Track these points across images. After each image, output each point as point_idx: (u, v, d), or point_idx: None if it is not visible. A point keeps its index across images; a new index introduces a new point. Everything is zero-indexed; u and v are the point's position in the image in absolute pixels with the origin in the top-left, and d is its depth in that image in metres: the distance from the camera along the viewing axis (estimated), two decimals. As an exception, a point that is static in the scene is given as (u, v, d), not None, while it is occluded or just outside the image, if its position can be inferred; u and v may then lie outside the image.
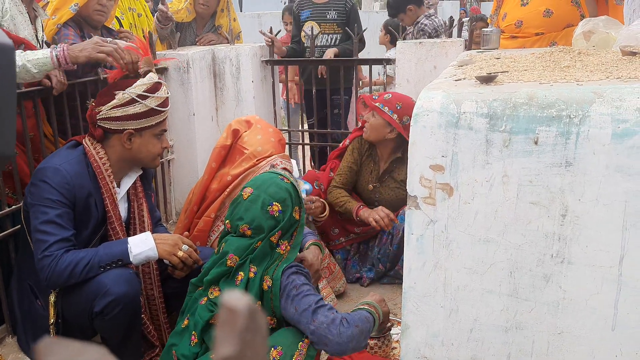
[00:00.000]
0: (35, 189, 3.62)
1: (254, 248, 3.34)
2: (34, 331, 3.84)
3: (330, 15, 7.23)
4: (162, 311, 4.09)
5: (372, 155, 5.41)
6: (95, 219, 3.80)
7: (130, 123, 3.78)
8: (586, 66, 3.04)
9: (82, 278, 3.52)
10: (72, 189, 3.63)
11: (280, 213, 3.38)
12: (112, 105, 3.74)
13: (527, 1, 5.45)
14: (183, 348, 3.44)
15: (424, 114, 2.55)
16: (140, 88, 3.78)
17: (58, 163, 3.69)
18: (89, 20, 5.23)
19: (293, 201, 3.45)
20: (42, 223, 3.55)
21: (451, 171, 2.53)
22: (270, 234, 3.35)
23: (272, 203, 3.37)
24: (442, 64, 5.66)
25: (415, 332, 2.75)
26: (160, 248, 3.69)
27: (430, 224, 2.60)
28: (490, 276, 2.57)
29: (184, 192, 5.71)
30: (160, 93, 3.87)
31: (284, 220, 3.38)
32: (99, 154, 3.81)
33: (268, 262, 3.37)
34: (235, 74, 6.25)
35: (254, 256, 3.33)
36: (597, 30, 3.85)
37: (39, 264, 3.53)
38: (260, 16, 15.85)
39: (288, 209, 3.40)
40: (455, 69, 3.39)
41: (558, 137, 2.40)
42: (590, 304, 2.48)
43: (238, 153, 4.73)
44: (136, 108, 3.77)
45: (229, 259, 3.35)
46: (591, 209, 2.41)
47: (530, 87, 2.56)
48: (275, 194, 3.40)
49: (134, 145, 3.84)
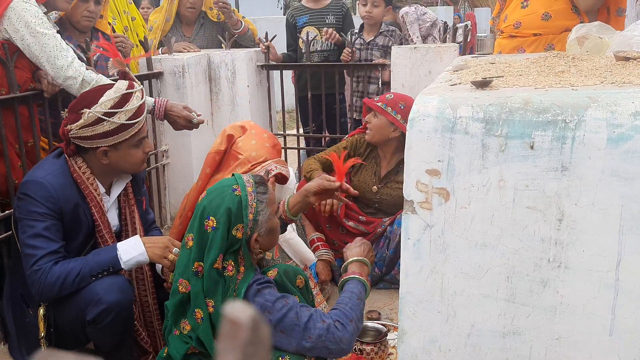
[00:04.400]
0: (22, 203, 3.60)
1: (199, 277, 3.13)
2: (26, 339, 3.82)
3: (328, 20, 7.27)
4: (156, 317, 4.07)
5: (373, 156, 5.42)
6: (86, 228, 3.77)
7: (102, 141, 3.65)
8: (580, 71, 3.04)
9: (74, 288, 3.51)
10: (58, 202, 3.59)
11: (213, 229, 3.12)
12: (80, 125, 3.60)
13: (527, 4, 5.47)
14: None
15: (420, 118, 2.55)
16: (105, 105, 3.61)
17: (41, 176, 3.63)
18: (77, 26, 5.25)
19: (233, 218, 3.13)
20: (29, 237, 3.53)
21: (447, 176, 2.53)
22: (209, 255, 3.11)
23: (208, 217, 3.14)
24: (437, 69, 5.69)
25: (412, 338, 2.74)
26: (150, 252, 3.66)
27: (426, 228, 2.60)
28: (487, 281, 2.57)
29: (179, 197, 5.71)
30: (130, 105, 3.69)
31: (216, 239, 3.10)
32: (78, 163, 3.74)
33: (223, 290, 3.15)
34: (231, 78, 6.26)
35: (206, 289, 3.12)
36: (591, 36, 3.85)
37: (29, 279, 3.52)
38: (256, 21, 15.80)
39: (222, 227, 3.10)
40: (450, 73, 3.40)
41: (554, 142, 2.40)
42: (587, 308, 2.48)
43: (232, 158, 4.72)
44: (105, 126, 3.62)
45: (180, 285, 3.19)
46: (587, 214, 2.41)
47: (526, 92, 2.56)
48: (214, 207, 3.15)
49: (111, 160, 3.73)
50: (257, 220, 3.19)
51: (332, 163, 5.06)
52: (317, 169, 5.27)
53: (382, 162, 5.40)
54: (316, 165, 5.30)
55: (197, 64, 6.04)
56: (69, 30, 5.29)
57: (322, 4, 7.38)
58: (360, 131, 5.49)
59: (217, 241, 3.10)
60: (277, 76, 7.10)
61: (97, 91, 3.73)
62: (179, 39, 6.77)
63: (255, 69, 6.59)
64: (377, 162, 5.43)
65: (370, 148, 5.44)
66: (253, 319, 0.76)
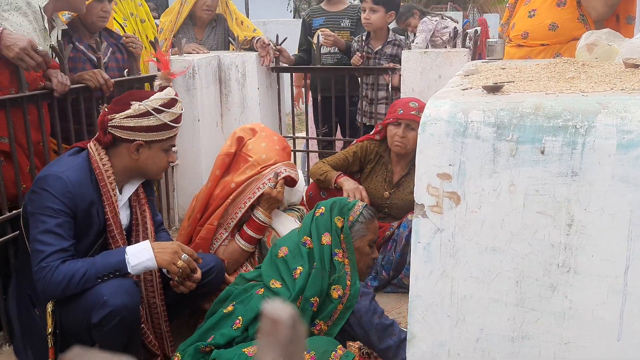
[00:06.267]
0: (36, 197, 3.60)
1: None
2: (31, 340, 3.81)
3: (343, 23, 7.29)
4: (164, 320, 4.07)
5: (382, 162, 5.42)
6: (97, 227, 3.78)
7: (141, 135, 3.78)
8: (590, 77, 3.04)
9: (79, 289, 3.50)
10: (74, 198, 3.61)
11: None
12: (126, 115, 3.74)
13: (534, 13, 5.47)
14: (224, 329, 3.57)
15: (432, 122, 2.56)
16: (157, 102, 3.79)
17: (60, 170, 3.67)
18: (92, 26, 5.25)
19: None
20: (41, 232, 3.53)
21: (458, 180, 2.54)
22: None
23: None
24: (447, 73, 5.70)
25: (421, 342, 2.74)
26: (159, 257, 3.65)
27: (437, 232, 2.61)
28: (497, 285, 2.57)
29: (188, 199, 5.71)
30: (175, 109, 3.88)
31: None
32: (102, 160, 3.79)
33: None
34: (241, 80, 6.26)
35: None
36: (600, 43, 3.86)
37: (36, 275, 3.51)
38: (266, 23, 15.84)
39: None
40: (461, 78, 3.40)
41: (564, 147, 2.40)
42: (596, 313, 2.48)
43: (242, 161, 4.74)
44: (150, 121, 3.77)
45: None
46: (597, 219, 2.42)
47: (537, 97, 2.56)
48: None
49: (141, 157, 3.84)
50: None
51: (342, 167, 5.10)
52: (330, 170, 5.26)
53: (395, 167, 5.39)
54: (327, 167, 5.30)
55: (208, 66, 6.04)
56: (80, 31, 5.29)
57: (339, 7, 7.41)
58: (370, 137, 5.47)
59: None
60: (286, 79, 7.11)
61: (146, 92, 4.04)
62: (190, 40, 6.77)
63: (266, 71, 6.60)
64: (387, 169, 5.42)
65: (380, 154, 5.43)
66: (292, 317, 0.77)
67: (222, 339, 3.54)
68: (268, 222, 4.61)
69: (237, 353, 3.40)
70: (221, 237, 4.65)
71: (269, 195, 4.55)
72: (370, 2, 6.52)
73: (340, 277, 3.65)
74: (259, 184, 4.60)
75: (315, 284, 3.60)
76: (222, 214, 4.64)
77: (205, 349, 3.56)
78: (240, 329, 3.54)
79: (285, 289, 3.65)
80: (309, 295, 3.60)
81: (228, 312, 3.66)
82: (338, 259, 3.69)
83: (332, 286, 3.65)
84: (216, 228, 4.65)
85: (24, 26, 4.29)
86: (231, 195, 4.63)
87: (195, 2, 6.69)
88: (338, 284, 3.63)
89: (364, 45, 6.64)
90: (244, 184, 4.62)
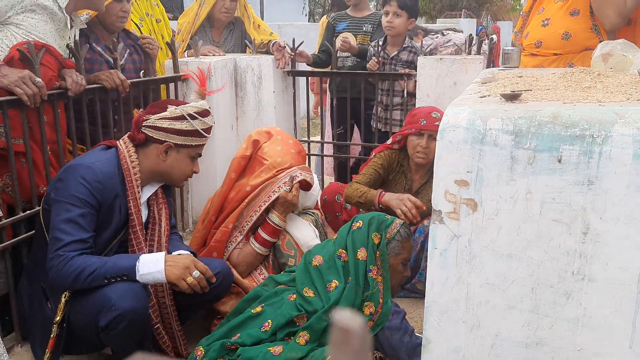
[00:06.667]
0: (63, 185, 3.63)
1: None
2: (42, 335, 3.79)
3: (365, 28, 7.40)
4: (174, 319, 4.07)
5: (402, 171, 5.41)
6: (117, 222, 3.82)
7: (172, 137, 3.90)
8: (606, 87, 3.06)
9: (86, 285, 3.51)
10: (102, 190, 3.67)
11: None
12: (162, 116, 3.87)
13: (547, 22, 5.48)
14: (251, 329, 3.62)
15: (451, 129, 2.58)
16: (192, 109, 3.94)
17: (91, 162, 3.74)
18: (110, 27, 5.26)
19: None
20: (62, 221, 3.56)
21: (476, 187, 2.56)
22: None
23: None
24: (462, 80, 5.70)
25: (436, 347, 2.76)
26: (168, 271, 3.63)
27: (453, 238, 2.63)
28: (512, 292, 2.59)
29: (202, 201, 5.72)
30: (208, 120, 4.02)
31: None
32: (131, 157, 3.87)
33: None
34: (257, 83, 6.28)
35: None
36: (615, 53, 3.87)
37: (50, 262, 3.53)
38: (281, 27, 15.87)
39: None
40: (479, 85, 3.42)
41: (581, 156, 2.42)
42: (609, 321, 2.50)
43: (257, 164, 4.75)
44: (183, 125, 3.90)
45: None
46: (612, 228, 2.44)
47: (554, 106, 2.58)
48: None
49: (168, 159, 3.94)
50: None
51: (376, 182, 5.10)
52: (368, 190, 5.14)
53: (414, 176, 5.38)
54: (364, 188, 5.18)
55: (224, 68, 6.05)
56: (98, 32, 5.31)
57: (363, 14, 7.55)
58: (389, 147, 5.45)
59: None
60: (302, 83, 7.13)
61: (183, 101, 4.26)
62: (207, 42, 6.78)
63: (282, 74, 6.61)
64: (407, 177, 5.41)
65: (400, 163, 5.43)
66: (363, 328, 0.78)
67: (249, 339, 3.58)
68: (283, 225, 4.62)
69: (263, 351, 3.44)
70: (236, 240, 4.66)
71: (284, 198, 4.56)
72: (396, 6, 6.56)
73: (373, 294, 3.67)
74: (275, 188, 4.61)
75: (348, 298, 3.63)
76: (237, 217, 4.65)
77: (231, 347, 3.59)
78: (268, 332, 3.57)
79: (318, 298, 3.67)
80: (341, 307, 3.63)
81: (256, 312, 3.70)
82: (372, 276, 3.70)
83: (365, 303, 3.67)
84: (231, 231, 4.66)
85: (39, 27, 4.29)
86: (246, 198, 4.64)
87: (214, 4, 6.70)
88: (370, 301, 3.66)
89: (380, 50, 6.66)
90: (259, 187, 4.64)
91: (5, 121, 3.87)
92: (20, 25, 4.21)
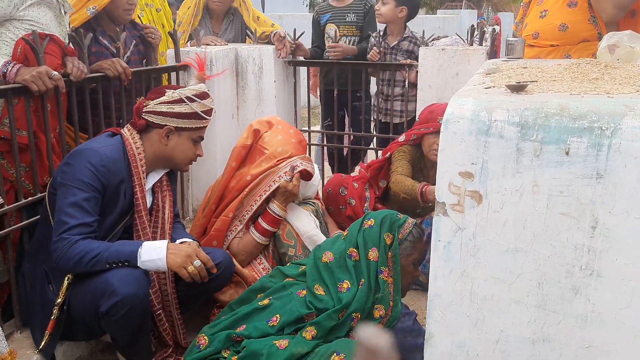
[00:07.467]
0: (70, 169, 3.67)
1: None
2: (42, 318, 3.79)
3: (349, 18, 7.31)
4: (175, 307, 4.09)
5: (419, 166, 5.39)
6: (121, 207, 3.85)
7: (172, 120, 3.94)
8: (614, 79, 3.01)
9: (89, 269, 3.54)
10: (107, 173, 3.70)
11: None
12: (160, 101, 3.92)
13: (545, 14, 5.45)
14: (258, 322, 3.62)
15: (455, 120, 2.53)
16: (190, 91, 3.99)
17: (97, 146, 3.79)
18: (118, 19, 5.24)
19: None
20: (68, 205, 3.59)
21: (481, 179, 2.52)
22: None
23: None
24: (464, 71, 5.68)
25: (439, 342, 2.73)
26: (170, 259, 3.67)
27: (458, 231, 2.59)
28: (518, 286, 2.55)
29: (202, 190, 5.71)
30: (207, 102, 4.05)
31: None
32: (136, 143, 3.92)
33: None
34: (258, 73, 6.26)
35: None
36: (621, 44, 3.84)
37: (54, 244, 3.56)
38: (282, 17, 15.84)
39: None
40: (483, 76, 3.37)
41: (589, 149, 2.38)
42: (619, 318, 2.46)
43: (258, 153, 4.75)
44: (182, 107, 3.94)
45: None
46: (621, 222, 2.39)
47: (561, 98, 2.54)
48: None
49: (170, 143, 3.97)
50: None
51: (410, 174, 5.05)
52: (413, 183, 5.09)
53: (429, 172, 5.36)
54: (410, 180, 5.14)
55: (225, 58, 6.03)
56: (105, 24, 5.28)
57: (345, 2, 7.44)
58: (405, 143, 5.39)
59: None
60: (303, 72, 7.10)
61: (180, 85, 4.29)
62: (208, 33, 6.77)
63: (282, 64, 6.58)
64: (423, 173, 5.40)
65: (418, 159, 5.40)
66: (389, 347, 0.74)
67: (255, 332, 3.57)
68: (283, 215, 4.60)
69: (268, 344, 3.43)
70: (236, 229, 4.65)
71: (284, 188, 4.55)
72: None
73: (384, 297, 3.65)
74: (275, 177, 4.60)
75: (360, 300, 3.61)
76: (237, 206, 4.64)
77: (237, 339, 3.58)
78: (275, 328, 3.56)
79: (329, 297, 3.65)
80: (352, 310, 3.61)
81: (263, 305, 3.69)
82: (383, 278, 3.68)
83: (375, 305, 3.65)
84: (231, 220, 4.66)
85: (40, 17, 4.30)
86: (247, 187, 4.64)
87: None
88: (381, 304, 3.64)
89: (381, 41, 6.62)
90: (259, 177, 4.63)
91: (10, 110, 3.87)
92: (23, 19, 4.21)
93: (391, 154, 5.42)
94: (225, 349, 3.58)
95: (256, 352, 3.43)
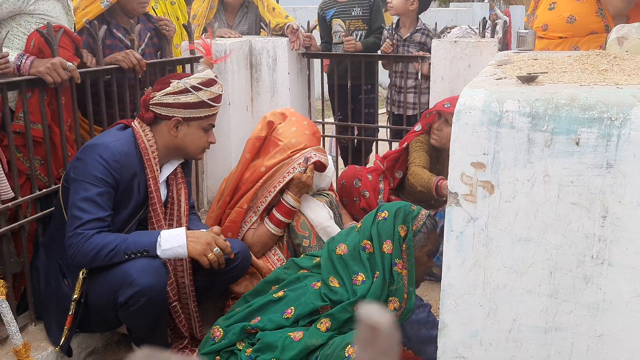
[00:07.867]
0: (82, 164, 3.66)
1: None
2: (57, 313, 3.81)
3: (355, 12, 7.26)
4: (192, 299, 4.09)
5: (435, 157, 5.40)
6: (135, 201, 3.84)
7: (179, 111, 3.89)
8: (623, 70, 3.02)
9: (106, 262, 3.54)
10: (120, 168, 3.68)
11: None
12: (166, 92, 3.86)
13: (554, 6, 5.45)
14: (273, 314, 3.62)
15: (467, 111, 2.56)
16: (195, 80, 3.91)
17: (109, 141, 3.76)
18: (132, 12, 5.25)
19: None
20: (81, 200, 3.58)
21: (492, 169, 2.54)
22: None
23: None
24: (476, 63, 5.67)
25: (453, 331, 2.75)
26: (190, 247, 3.68)
27: (470, 221, 2.61)
28: (530, 276, 2.57)
29: (217, 181, 5.73)
30: (214, 89, 3.97)
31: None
32: (147, 136, 3.89)
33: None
34: (272, 65, 6.26)
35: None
36: (630, 36, 3.84)
37: (69, 240, 3.56)
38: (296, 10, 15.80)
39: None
40: (494, 68, 3.39)
41: (599, 139, 2.40)
42: (630, 306, 2.48)
43: (272, 145, 4.76)
44: (188, 98, 3.88)
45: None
46: (632, 211, 2.41)
47: (571, 89, 2.56)
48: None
49: (179, 134, 3.93)
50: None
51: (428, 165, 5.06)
52: (430, 176, 5.14)
53: (445, 162, 5.37)
54: (427, 173, 5.18)
55: (239, 50, 6.04)
56: (119, 17, 5.29)
57: None
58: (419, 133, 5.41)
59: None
60: (317, 65, 7.11)
61: (187, 73, 4.27)
62: (222, 25, 6.77)
63: (296, 56, 6.58)
64: (439, 162, 5.42)
65: (435, 147, 5.41)
66: (391, 325, 0.76)
67: (270, 325, 3.57)
68: (297, 206, 4.62)
69: (283, 336, 3.44)
70: (250, 221, 4.67)
71: (298, 179, 4.56)
72: None
73: (398, 289, 3.63)
74: (289, 169, 4.61)
75: (375, 293, 3.59)
76: (251, 198, 4.66)
77: (251, 331, 3.59)
78: (290, 320, 3.56)
79: (344, 289, 3.64)
80: (367, 302, 3.61)
81: (278, 297, 3.69)
82: (397, 270, 3.65)
83: (390, 298, 3.64)
84: (245, 211, 4.68)
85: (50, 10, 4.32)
86: (261, 179, 4.65)
87: None
88: (395, 296, 3.61)
89: (394, 33, 6.63)
90: (274, 168, 4.64)
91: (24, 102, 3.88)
92: (34, 13, 4.23)
93: (408, 144, 5.43)
94: (240, 341, 3.58)
95: (271, 344, 3.44)
